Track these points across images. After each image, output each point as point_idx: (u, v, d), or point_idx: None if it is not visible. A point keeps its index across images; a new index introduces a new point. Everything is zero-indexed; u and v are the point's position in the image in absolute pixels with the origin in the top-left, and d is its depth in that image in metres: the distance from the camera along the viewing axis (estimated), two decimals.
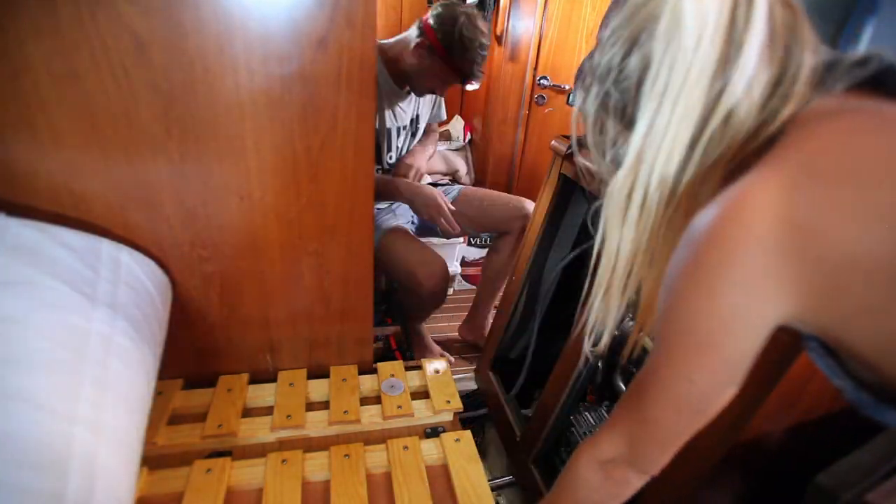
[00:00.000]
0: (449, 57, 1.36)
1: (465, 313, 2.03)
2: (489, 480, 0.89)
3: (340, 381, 1.06)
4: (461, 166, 2.68)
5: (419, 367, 1.13)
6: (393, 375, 1.09)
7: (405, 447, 0.92)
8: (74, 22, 0.67)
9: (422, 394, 1.08)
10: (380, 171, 1.60)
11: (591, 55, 0.52)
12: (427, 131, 1.80)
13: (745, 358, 0.44)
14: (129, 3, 0.68)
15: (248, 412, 0.99)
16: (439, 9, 1.36)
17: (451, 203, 1.57)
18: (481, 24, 1.36)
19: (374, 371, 1.11)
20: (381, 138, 1.53)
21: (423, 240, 1.61)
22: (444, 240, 2.06)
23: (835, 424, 0.77)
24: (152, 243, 0.86)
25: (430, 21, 1.36)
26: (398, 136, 1.60)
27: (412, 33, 1.42)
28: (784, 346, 0.68)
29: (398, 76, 1.47)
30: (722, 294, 0.40)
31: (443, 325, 2.28)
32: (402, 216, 1.66)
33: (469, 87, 1.49)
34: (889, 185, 0.33)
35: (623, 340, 1.21)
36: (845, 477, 0.62)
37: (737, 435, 0.74)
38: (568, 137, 1.34)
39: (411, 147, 1.70)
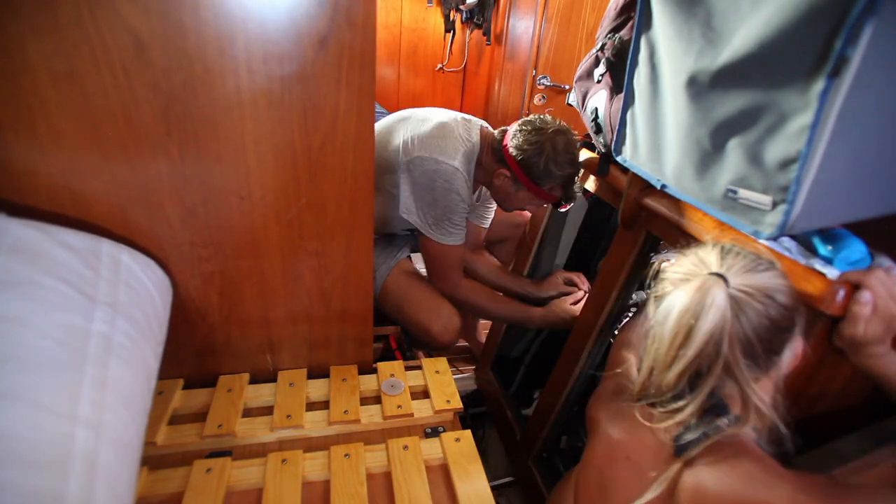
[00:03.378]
0: (537, 187, 1.23)
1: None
2: (489, 480, 0.89)
3: (340, 381, 1.06)
4: None
5: (419, 367, 1.13)
6: (393, 375, 1.09)
7: (405, 447, 0.92)
8: (74, 22, 0.67)
9: (422, 394, 1.08)
10: None
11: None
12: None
13: None
14: (129, 3, 0.68)
15: (248, 412, 0.99)
16: (520, 136, 1.21)
17: None
18: (571, 147, 1.20)
19: (374, 371, 1.11)
20: None
21: None
22: None
23: (831, 422, 0.77)
24: (152, 243, 0.86)
25: (512, 151, 1.22)
26: None
27: (491, 155, 1.28)
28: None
29: (476, 181, 1.34)
30: None
31: None
32: (399, 245, 1.54)
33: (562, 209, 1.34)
34: None
35: None
36: (821, 461, 0.68)
37: None
38: None
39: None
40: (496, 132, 1.31)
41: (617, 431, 0.70)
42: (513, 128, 1.25)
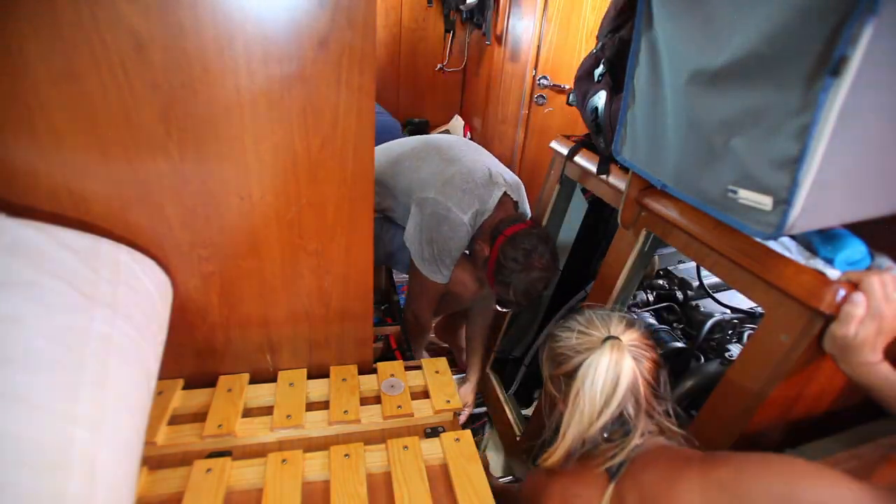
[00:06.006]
0: (492, 282, 1.32)
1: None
2: (489, 480, 0.89)
3: (340, 381, 1.06)
4: None
5: (419, 367, 1.13)
6: (393, 375, 1.09)
7: (405, 447, 0.92)
8: (74, 22, 0.67)
9: (422, 394, 1.08)
10: None
11: None
12: None
13: None
14: (129, 2, 0.68)
15: (248, 412, 0.98)
16: (512, 250, 1.25)
17: None
18: (535, 289, 1.28)
19: (374, 371, 1.11)
20: None
21: None
22: None
23: (830, 423, 0.77)
24: (152, 243, 0.86)
25: (499, 253, 1.26)
26: None
27: (490, 230, 1.32)
28: (784, 348, 0.68)
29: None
30: None
31: None
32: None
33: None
34: None
35: None
36: (809, 456, 0.69)
37: (739, 431, 0.75)
38: (569, 137, 1.34)
39: None
40: (505, 221, 1.31)
41: (560, 486, 0.79)
42: (517, 234, 1.26)
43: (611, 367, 0.69)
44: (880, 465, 0.68)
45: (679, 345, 1.16)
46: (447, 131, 2.92)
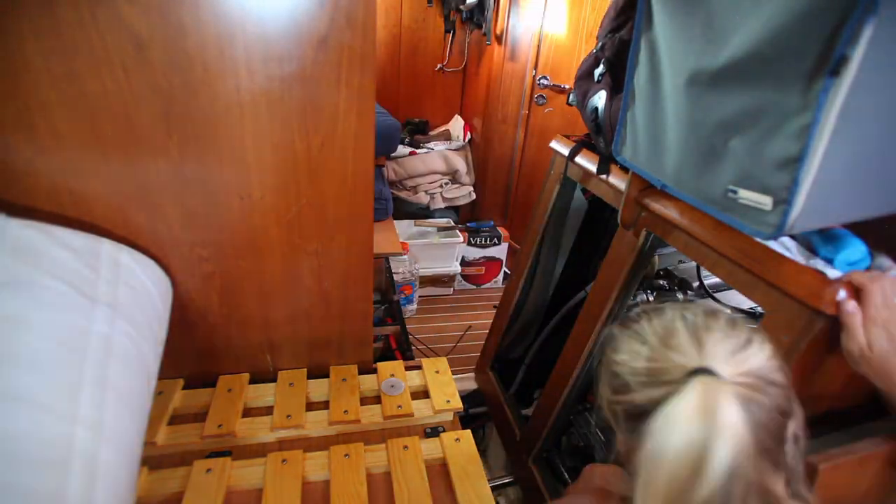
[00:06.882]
0: None
1: (463, 312, 2.04)
2: (489, 480, 0.89)
3: (340, 381, 1.06)
4: (461, 166, 2.67)
5: (419, 367, 1.13)
6: (393, 375, 1.09)
7: (405, 447, 0.92)
8: (74, 22, 0.67)
9: (422, 394, 1.08)
10: None
11: None
12: None
13: None
14: (129, 3, 0.68)
15: (248, 412, 0.98)
16: None
17: None
18: None
19: (374, 371, 1.11)
20: None
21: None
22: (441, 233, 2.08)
23: (829, 424, 0.77)
24: (152, 243, 0.86)
25: None
26: None
27: None
28: (784, 348, 0.68)
29: None
30: None
31: (440, 325, 2.29)
32: None
33: None
34: None
35: None
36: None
37: None
38: (569, 137, 1.34)
39: None
40: None
41: None
42: None
43: (697, 427, 0.39)
44: (872, 460, 0.67)
45: None
46: (447, 131, 2.92)
